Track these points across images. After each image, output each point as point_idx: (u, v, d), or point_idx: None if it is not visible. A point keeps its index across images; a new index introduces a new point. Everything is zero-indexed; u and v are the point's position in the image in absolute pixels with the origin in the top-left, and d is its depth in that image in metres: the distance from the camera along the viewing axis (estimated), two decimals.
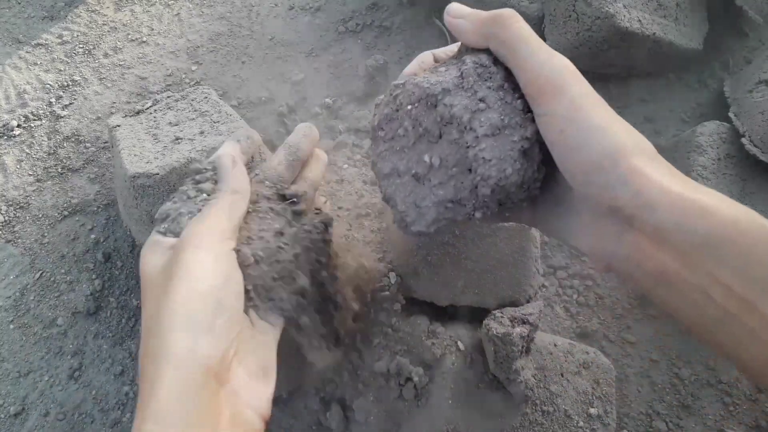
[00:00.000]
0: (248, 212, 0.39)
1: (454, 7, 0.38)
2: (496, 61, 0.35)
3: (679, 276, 0.30)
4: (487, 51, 0.36)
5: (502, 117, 0.33)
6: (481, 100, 0.33)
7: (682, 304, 0.30)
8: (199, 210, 0.37)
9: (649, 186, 0.29)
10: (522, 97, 0.34)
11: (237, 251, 0.36)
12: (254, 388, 0.33)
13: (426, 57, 0.41)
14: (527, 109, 0.34)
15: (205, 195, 0.39)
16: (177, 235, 0.36)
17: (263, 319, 0.38)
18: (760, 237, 0.28)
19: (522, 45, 0.34)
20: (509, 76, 0.34)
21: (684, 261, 0.29)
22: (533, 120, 0.33)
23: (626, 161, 0.30)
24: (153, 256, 0.35)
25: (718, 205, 0.29)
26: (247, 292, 0.36)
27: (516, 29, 0.34)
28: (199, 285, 0.32)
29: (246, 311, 0.36)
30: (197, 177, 0.40)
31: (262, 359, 0.35)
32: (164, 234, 0.37)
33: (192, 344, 0.30)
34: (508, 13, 0.35)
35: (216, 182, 0.40)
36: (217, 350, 0.31)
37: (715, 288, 0.29)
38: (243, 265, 0.35)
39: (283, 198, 0.42)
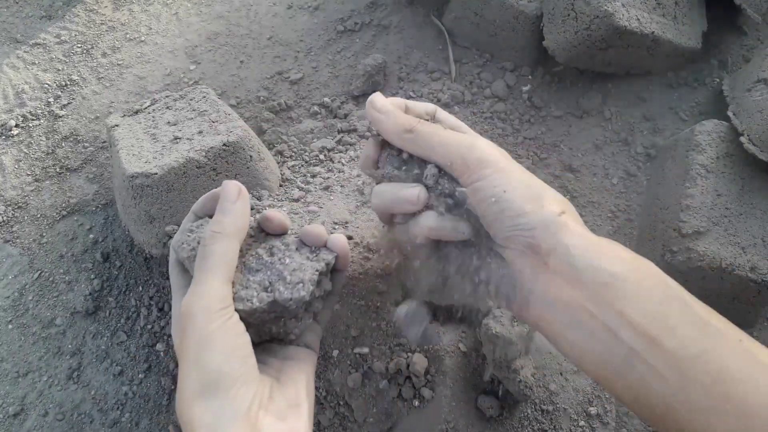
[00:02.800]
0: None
1: (377, 102, 0.40)
2: None
3: (589, 313, 0.32)
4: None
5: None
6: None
7: (591, 344, 0.33)
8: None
9: (566, 230, 0.34)
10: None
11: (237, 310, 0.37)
12: (286, 427, 0.35)
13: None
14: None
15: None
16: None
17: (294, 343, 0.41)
18: (657, 280, 0.32)
19: (436, 144, 0.38)
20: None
21: (594, 298, 0.32)
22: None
23: (548, 208, 0.35)
24: (175, 332, 0.38)
25: (622, 253, 0.34)
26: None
27: (428, 136, 0.38)
28: (206, 366, 0.33)
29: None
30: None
31: (291, 397, 0.36)
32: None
33: (215, 412, 0.32)
34: (421, 123, 0.39)
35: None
36: (240, 411, 0.33)
37: (622, 325, 0.31)
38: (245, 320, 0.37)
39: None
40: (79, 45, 0.88)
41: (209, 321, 0.34)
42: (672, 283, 0.33)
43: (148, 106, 0.65)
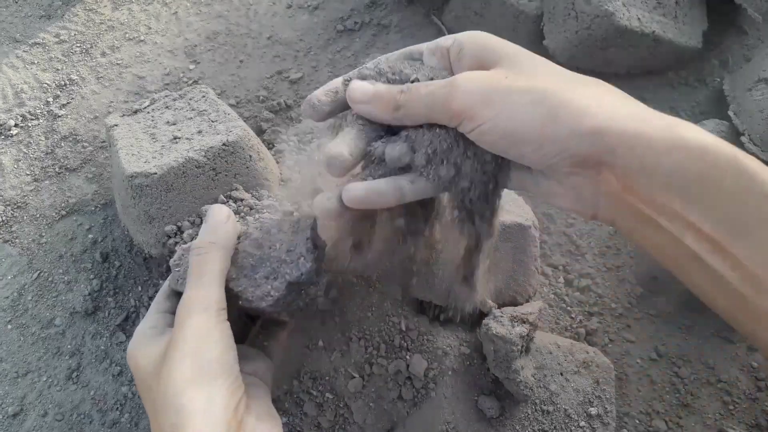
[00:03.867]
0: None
1: (356, 92, 0.36)
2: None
3: (651, 220, 0.29)
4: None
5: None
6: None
7: (659, 245, 0.30)
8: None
9: (604, 128, 0.28)
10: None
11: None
12: (266, 428, 0.35)
13: (334, 82, 0.40)
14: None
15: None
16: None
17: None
18: (730, 170, 0.27)
19: (423, 111, 0.34)
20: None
21: (652, 204, 0.29)
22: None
23: (569, 115, 0.29)
24: (145, 349, 0.37)
25: (685, 136, 0.28)
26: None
27: (414, 107, 0.34)
28: (204, 355, 0.34)
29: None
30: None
31: (264, 409, 0.37)
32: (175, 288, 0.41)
33: (208, 398, 0.32)
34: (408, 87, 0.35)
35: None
36: (231, 403, 0.33)
37: (685, 230, 0.28)
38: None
39: None
40: (78, 44, 0.88)
41: (209, 318, 0.35)
42: (751, 168, 0.27)
43: (148, 105, 0.65)
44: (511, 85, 0.31)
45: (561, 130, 0.29)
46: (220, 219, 0.40)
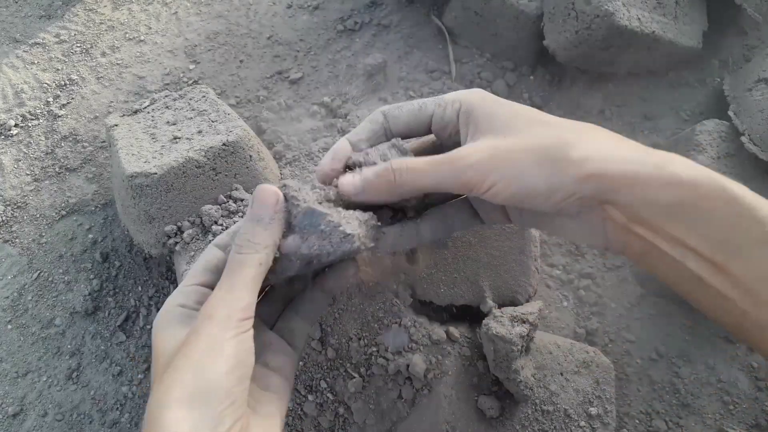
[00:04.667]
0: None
1: (346, 187, 0.38)
2: None
3: (655, 247, 0.32)
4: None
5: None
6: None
7: (665, 270, 0.33)
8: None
9: (605, 173, 0.32)
10: None
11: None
12: None
13: (341, 148, 0.40)
14: None
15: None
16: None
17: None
18: (720, 199, 0.30)
19: (432, 173, 0.36)
20: None
21: (656, 232, 0.32)
22: None
23: (573, 166, 0.32)
24: (167, 332, 0.35)
25: (678, 172, 0.31)
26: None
27: (415, 179, 0.36)
28: (207, 372, 0.31)
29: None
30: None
31: (270, 428, 0.35)
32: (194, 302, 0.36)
33: (194, 424, 0.30)
34: (398, 167, 0.36)
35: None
36: (220, 431, 0.30)
37: (687, 254, 0.31)
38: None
39: None
40: (78, 44, 0.88)
41: (226, 329, 0.32)
42: (738, 194, 0.30)
43: (148, 105, 0.65)
44: (513, 149, 0.34)
45: (566, 179, 0.32)
46: (268, 209, 0.35)
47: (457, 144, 0.38)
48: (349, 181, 0.38)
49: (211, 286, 0.35)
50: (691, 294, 0.33)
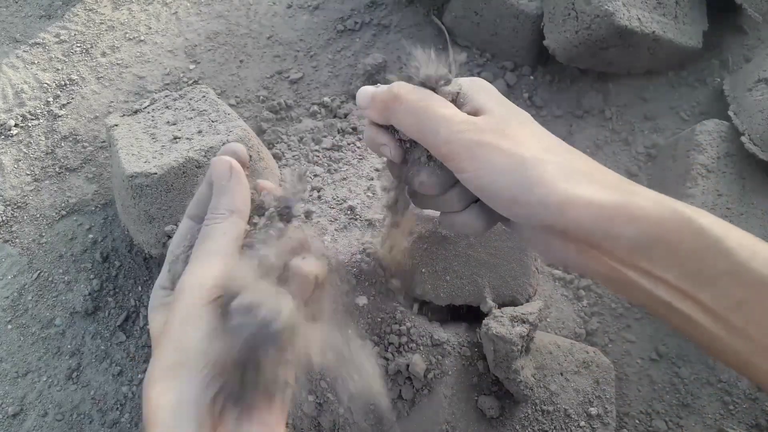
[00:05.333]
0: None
1: (361, 100, 0.39)
2: None
3: (622, 275, 0.32)
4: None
5: None
6: None
7: (633, 296, 0.33)
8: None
9: (570, 202, 0.31)
10: None
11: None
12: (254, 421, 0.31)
13: None
14: None
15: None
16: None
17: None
18: (687, 232, 0.30)
19: (424, 120, 0.36)
20: None
21: (621, 263, 0.31)
22: None
23: (541, 186, 0.32)
24: (155, 313, 0.35)
25: (644, 206, 0.31)
26: None
27: (410, 106, 0.36)
28: (184, 342, 0.30)
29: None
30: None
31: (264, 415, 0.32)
32: (170, 282, 0.36)
33: (179, 392, 0.29)
34: (397, 93, 0.37)
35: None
36: (205, 396, 0.29)
37: (656, 284, 0.31)
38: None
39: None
40: (78, 44, 0.88)
41: (199, 297, 0.32)
42: (705, 225, 0.30)
43: (148, 105, 0.65)
44: (494, 145, 0.34)
45: (531, 198, 0.32)
46: (222, 176, 0.36)
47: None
48: (362, 91, 0.39)
49: None
50: (662, 316, 0.32)
